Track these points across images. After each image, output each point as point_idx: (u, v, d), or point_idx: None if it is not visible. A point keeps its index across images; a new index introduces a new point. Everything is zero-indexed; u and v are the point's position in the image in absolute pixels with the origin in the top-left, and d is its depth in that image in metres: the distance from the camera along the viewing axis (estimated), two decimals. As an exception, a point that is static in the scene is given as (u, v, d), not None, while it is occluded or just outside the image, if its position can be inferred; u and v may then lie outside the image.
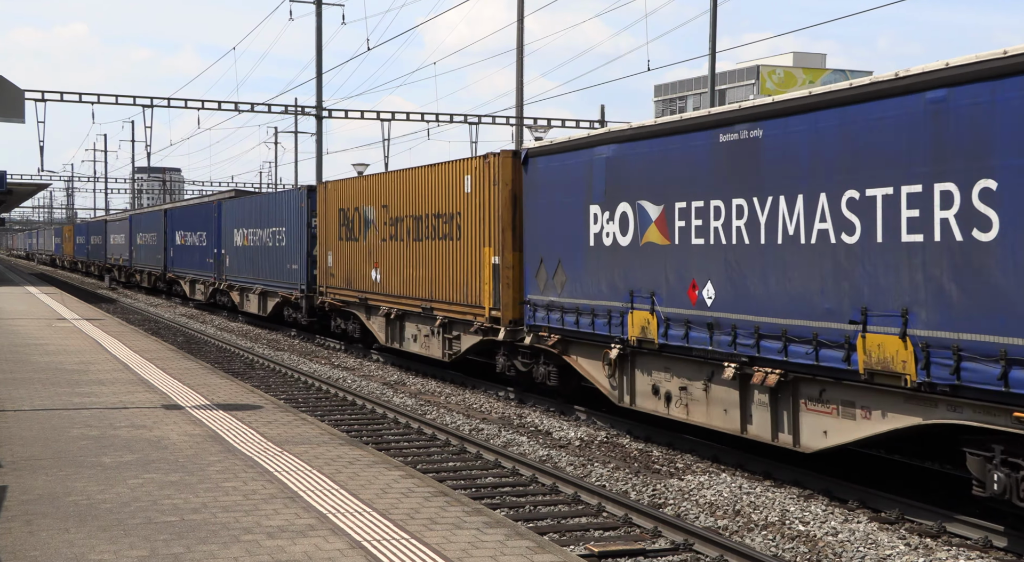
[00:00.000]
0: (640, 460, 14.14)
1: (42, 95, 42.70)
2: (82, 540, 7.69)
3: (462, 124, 50.76)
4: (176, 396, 14.88)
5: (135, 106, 45.44)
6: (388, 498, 9.18)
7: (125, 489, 9.24)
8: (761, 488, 12.37)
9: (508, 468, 13.54)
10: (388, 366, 24.62)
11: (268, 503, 8.87)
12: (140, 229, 55.77)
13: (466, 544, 7.82)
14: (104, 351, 20.66)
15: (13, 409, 13.44)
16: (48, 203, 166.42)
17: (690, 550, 10.01)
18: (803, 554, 10.00)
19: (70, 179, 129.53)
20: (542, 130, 43.60)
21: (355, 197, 25.83)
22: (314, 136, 47.76)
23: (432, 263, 21.33)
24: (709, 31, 31.39)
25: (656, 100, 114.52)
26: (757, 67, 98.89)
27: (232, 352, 27.47)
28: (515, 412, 17.93)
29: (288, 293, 31.13)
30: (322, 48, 46.28)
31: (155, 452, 10.87)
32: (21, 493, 9.08)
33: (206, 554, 7.39)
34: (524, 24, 37.69)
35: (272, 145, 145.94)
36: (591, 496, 11.81)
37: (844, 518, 11.14)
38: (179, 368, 18.29)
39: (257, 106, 46.79)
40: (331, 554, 7.45)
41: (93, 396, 14.65)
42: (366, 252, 24.93)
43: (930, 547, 10.19)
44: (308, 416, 13.85)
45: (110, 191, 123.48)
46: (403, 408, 18.32)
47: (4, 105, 12.60)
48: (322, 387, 20.86)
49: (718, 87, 51.87)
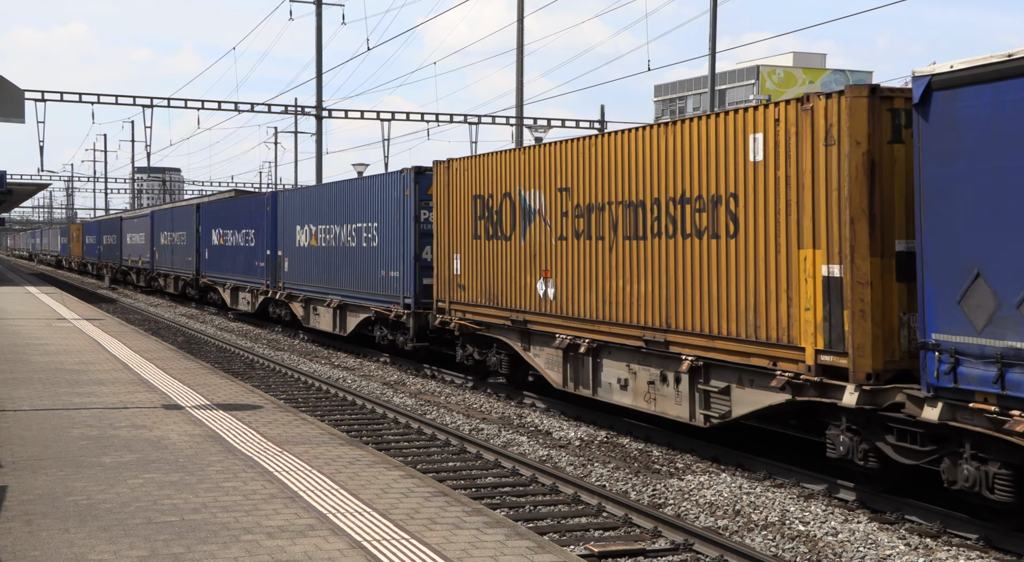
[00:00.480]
0: (640, 460, 14.14)
1: (42, 95, 42.69)
2: (82, 540, 7.69)
3: (462, 124, 50.78)
4: (176, 396, 14.88)
5: (135, 106, 45.45)
6: (388, 498, 9.18)
7: (125, 489, 9.24)
8: (761, 488, 12.37)
9: (508, 468, 13.55)
10: (388, 366, 24.61)
11: (268, 503, 8.87)
12: (165, 227, 48.59)
13: (466, 544, 7.82)
14: (104, 351, 20.66)
15: (13, 409, 13.45)
16: (48, 203, 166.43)
17: (690, 550, 10.01)
18: (803, 554, 10.00)
19: (70, 179, 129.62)
20: (542, 130, 43.60)
21: (505, 178, 18.56)
22: (314, 136, 47.79)
23: (668, 272, 14.23)
24: (709, 31, 31.41)
25: (656, 100, 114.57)
26: (757, 67, 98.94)
27: (232, 352, 27.46)
28: (515, 412, 17.93)
29: (383, 308, 24.02)
30: (322, 48, 46.31)
31: (155, 452, 10.87)
32: (21, 493, 9.08)
33: (206, 554, 7.39)
34: (524, 24, 37.72)
35: (272, 145, 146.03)
36: (591, 496, 11.81)
37: (844, 518, 11.14)
38: (179, 368, 18.29)
39: (257, 106, 46.82)
40: (331, 554, 7.45)
41: (93, 396, 14.65)
42: (526, 255, 17.80)
43: (930, 547, 10.19)
44: (308, 416, 13.85)
45: (110, 191, 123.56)
46: (403, 408, 18.32)
47: (4, 105, 12.60)
48: (322, 387, 20.86)
49: (718, 87, 51.90)
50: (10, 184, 42.94)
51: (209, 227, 40.72)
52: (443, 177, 20.83)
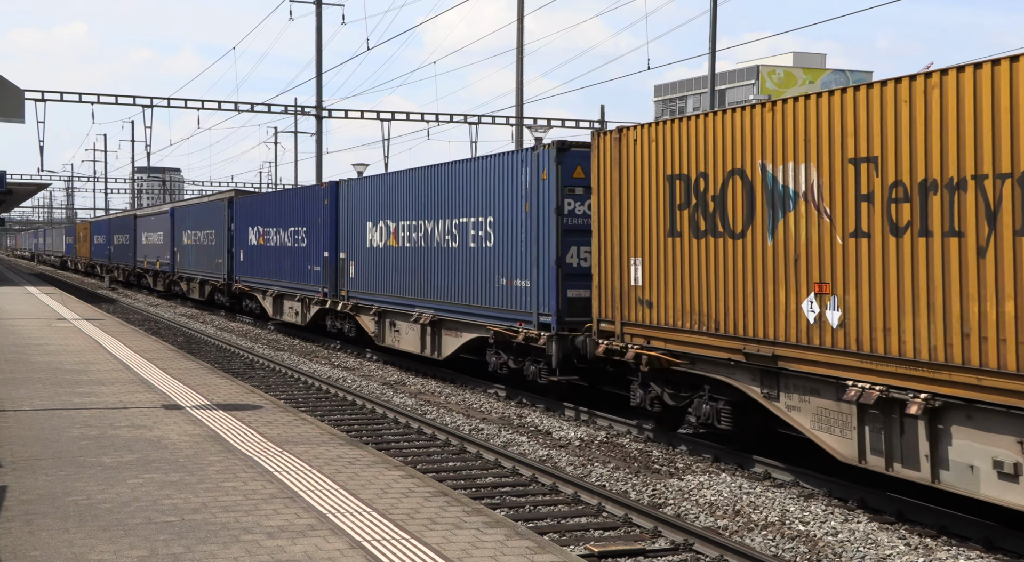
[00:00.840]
0: (640, 460, 14.14)
1: (42, 95, 42.71)
2: (82, 540, 7.69)
3: (462, 124, 50.79)
4: (176, 396, 14.88)
5: (135, 106, 45.46)
6: (388, 498, 9.18)
7: (125, 489, 9.24)
8: (761, 488, 12.37)
9: (508, 468, 13.55)
10: (388, 366, 24.60)
11: (268, 503, 8.87)
12: (188, 225, 43.82)
13: (466, 544, 7.82)
14: (104, 351, 20.66)
15: (13, 409, 13.45)
16: (48, 203, 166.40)
17: (690, 550, 10.01)
18: (803, 554, 10.00)
19: (70, 179, 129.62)
20: (542, 130, 43.63)
21: (733, 148, 13.10)
22: (314, 136, 47.77)
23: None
24: (709, 31, 31.43)
25: (656, 100, 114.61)
26: (757, 67, 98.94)
27: (232, 352, 27.46)
28: (515, 412, 17.92)
29: (505, 327, 18.53)
30: (322, 48, 46.31)
31: (155, 452, 10.87)
32: (21, 493, 9.08)
33: (206, 554, 7.39)
34: (524, 24, 37.72)
35: (272, 145, 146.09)
36: (591, 496, 11.82)
37: (844, 518, 11.14)
38: (179, 368, 18.29)
39: (257, 106, 46.84)
40: (331, 554, 7.45)
41: (93, 396, 14.65)
42: (777, 260, 12.38)
43: (930, 547, 10.20)
44: (308, 416, 13.85)
45: (110, 191, 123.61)
46: (403, 408, 18.32)
47: (4, 105, 12.61)
48: (322, 387, 20.86)
49: (718, 87, 51.93)
50: (10, 184, 42.93)
51: (246, 225, 35.52)
52: (610, 153, 15.44)
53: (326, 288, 27.54)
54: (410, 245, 22.66)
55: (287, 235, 31.01)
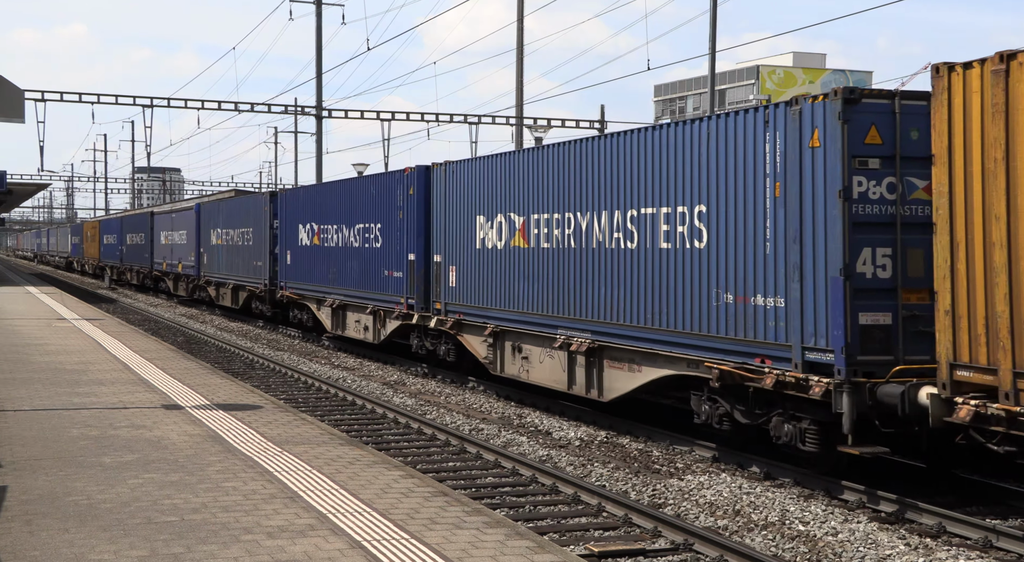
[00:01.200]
0: (640, 460, 14.14)
1: (42, 95, 42.72)
2: (82, 540, 7.69)
3: (462, 124, 50.80)
4: (176, 396, 14.88)
5: (135, 106, 45.50)
6: (388, 498, 9.19)
7: (125, 489, 9.25)
8: (761, 488, 12.37)
9: (508, 468, 13.55)
10: (388, 366, 24.58)
11: (268, 503, 8.87)
12: (218, 223, 38.28)
13: (466, 544, 7.82)
14: (104, 351, 20.66)
15: (13, 409, 13.45)
16: (48, 203, 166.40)
17: (690, 550, 10.01)
18: (803, 554, 10.00)
19: (70, 179, 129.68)
20: (542, 130, 43.63)
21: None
22: (314, 136, 47.77)
23: None
24: (709, 31, 31.45)
25: (656, 100, 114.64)
26: (757, 67, 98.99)
27: (232, 352, 27.46)
28: (515, 412, 17.92)
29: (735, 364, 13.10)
30: (322, 48, 46.32)
31: (155, 452, 10.87)
32: (21, 493, 9.08)
33: (206, 554, 7.39)
34: (524, 24, 37.72)
35: (272, 145, 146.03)
36: (591, 496, 11.81)
37: (844, 518, 11.14)
38: (179, 368, 18.29)
39: (257, 106, 46.85)
40: (331, 554, 7.45)
41: (93, 396, 14.65)
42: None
43: (930, 547, 10.19)
44: (308, 416, 13.86)
45: (110, 191, 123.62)
46: (403, 408, 18.31)
47: (4, 105, 12.61)
48: (322, 387, 20.86)
49: (718, 87, 51.91)
50: (10, 184, 42.87)
51: (295, 221, 30.31)
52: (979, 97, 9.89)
53: (411, 299, 22.25)
54: (549, 245, 17.42)
55: (353, 233, 25.74)
